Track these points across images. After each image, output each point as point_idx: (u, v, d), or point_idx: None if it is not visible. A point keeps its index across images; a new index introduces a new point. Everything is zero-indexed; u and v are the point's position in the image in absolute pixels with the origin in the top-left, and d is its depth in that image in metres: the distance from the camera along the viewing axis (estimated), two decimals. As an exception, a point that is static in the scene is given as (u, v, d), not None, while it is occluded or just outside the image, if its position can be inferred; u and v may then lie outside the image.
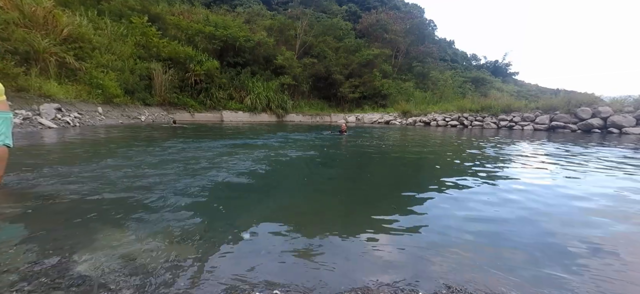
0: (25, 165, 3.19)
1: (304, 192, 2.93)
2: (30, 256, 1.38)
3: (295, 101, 22.18)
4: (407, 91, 24.86)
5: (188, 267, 1.35)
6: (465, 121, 15.86)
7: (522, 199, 2.63)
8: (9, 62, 8.40)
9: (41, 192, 2.31)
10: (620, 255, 1.63)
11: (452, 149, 6.55)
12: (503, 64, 44.65)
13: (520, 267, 1.47)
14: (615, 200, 2.66)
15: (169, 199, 2.26)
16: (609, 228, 2.01)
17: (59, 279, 1.20)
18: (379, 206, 2.44)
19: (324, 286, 1.25)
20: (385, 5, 38.28)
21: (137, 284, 1.20)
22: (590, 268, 1.47)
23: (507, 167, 4.41)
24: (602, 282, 1.34)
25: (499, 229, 1.95)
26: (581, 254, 1.62)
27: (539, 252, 1.63)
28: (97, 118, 10.38)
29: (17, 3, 9.85)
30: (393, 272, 1.37)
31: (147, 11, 17.46)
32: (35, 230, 1.66)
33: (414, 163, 4.88)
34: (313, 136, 9.05)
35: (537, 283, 1.32)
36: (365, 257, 1.52)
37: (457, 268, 1.44)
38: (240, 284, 1.24)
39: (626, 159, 5.00)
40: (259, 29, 23.23)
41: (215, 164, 3.72)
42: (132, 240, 1.57)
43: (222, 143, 6.13)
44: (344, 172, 3.98)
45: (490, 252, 1.63)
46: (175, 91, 16.76)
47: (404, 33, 28.75)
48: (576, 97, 13.09)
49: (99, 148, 4.95)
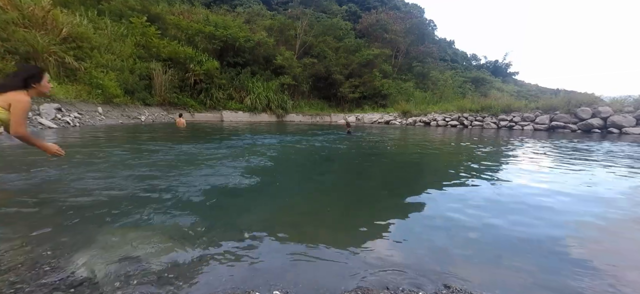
0: (25, 165, 3.19)
1: (304, 192, 2.93)
2: (30, 256, 1.38)
3: (295, 101, 22.17)
4: (407, 91, 24.85)
5: (188, 267, 1.35)
6: (465, 121, 15.85)
7: (523, 199, 2.63)
8: (9, 62, 8.39)
9: (41, 192, 2.31)
10: (622, 256, 1.63)
11: (452, 149, 6.55)
12: (503, 64, 44.66)
13: (521, 267, 1.47)
14: (621, 201, 2.66)
15: (169, 199, 2.26)
16: (612, 229, 2.01)
17: (58, 280, 1.20)
18: (379, 206, 2.44)
19: (324, 286, 1.25)
20: (385, 5, 38.27)
21: (137, 284, 1.20)
22: (591, 268, 1.47)
23: (508, 168, 4.41)
24: (602, 282, 1.34)
25: (500, 229, 1.95)
26: (582, 255, 1.62)
27: (539, 252, 1.63)
28: (97, 118, 10.38)
29: (15, 3, 9.84)
30: (393, 272, 1.37)
31: (147, 11, 17.45)
32: (35, 230, 1.65)
33: (414, 163, 4.88)
34: (317, 137, 9.04)
35: (537, 283, 1.32)
36: (365, 257, 1.52)
37: (458, 268, 1.44)
38: (240, 284, 1.24)
39: (629, 159, 5.00)
40: (259, 29, 23.22)
41: (215, 164, 3.72)
42: (132, 240, 1.57)
43: (221, 143, 6.13)
44: (344, 172, 3.98)
45: (491, 252, 1.63)
46: (175, 91, 16.76)
47: (404, 33, 28.74)
48: (576, 97, 13.09)
49: (99, 148, 4.94)
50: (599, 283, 1.34)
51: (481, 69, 42.36)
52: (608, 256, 1.61)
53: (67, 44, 11.11)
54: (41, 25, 10.33)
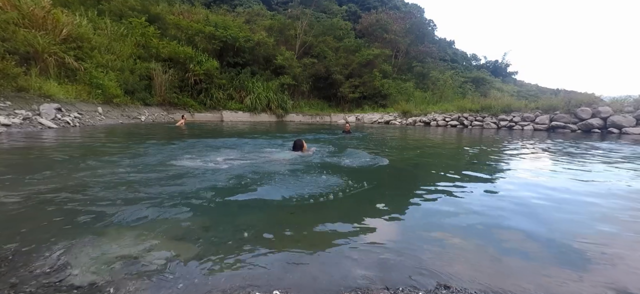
0: (25, 165, 3.19)
1: (304, 192, 2.93)
2: (30, 256, 1.38)
3: (295, 101, 22.15)
4: (407, 91, 24.82)
5: (188, 267, 1.35)
6: (465, 121, 15.85)
7: (523, 199, 2.63)
8: (9, 62, 8.39)
9: (41, 193, 2.31)
10: (624, 258, 1.63)
11: (452, 149, 6.54)
12: (503, 64, 44.66)
13: (521, 267, 1.47)
14: (620, 199, 2.66)
15: (169, 200, 2.26)
16: (613, 229, 2.01)
17: (58, 280, 1.20)
18: (379, 206, 2.44)
19: (323, 286, 1.25)
20: (385, 5, 38.23)
21: (137, 284, 1.20)
22: (592, 268, 1.47)
23: (507, 168, 4.41)
24: (603, 282, 1.35)
25: (500, 229, 1.95)
26: (582, 255, 1.62)
27: (540, 252, 1.64)
28: (97, 118, 10.38)
29: (15, 3, 9.83)
30: (393, 272, 1.37)
31: (147, 11, 17.43)
32: (35, 230, 1.66)
33: (413, 163, 4.88)
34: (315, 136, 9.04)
35: (537, 283, 1.32)
36: (365, 257, 1.52)
37: (457, 268, 1.44)
38: (240, 284, 1.24)
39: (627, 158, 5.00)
40: (258, 29, 23.19)
41: (215, 165, 3.72)
42: (132, 240, 1.57)
43: (221, 144, 6.13)
44: (344, 173, 3.97)
45: (491, 252, 1.63)
46: (175, 91, 16.75)
47: (404, 33, 28.71)
48: (576, 97, 13.08)
49: (99, 148, 4.94)
50: (601, 283, 1.34)
51: (481, 69, 42.31)
52: (612, 259, 1.61)
53: (67, 44, 11.10)
54: (41, 25, 10.32)
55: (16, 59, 8.88)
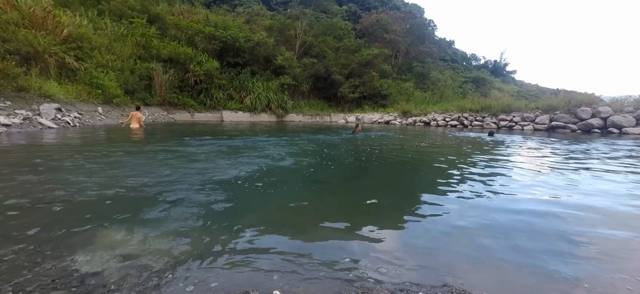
0: (25, 165, 3.19)
1: (304, 192, 2.93)
2: (30, 256, 1.38)
3: (295, 101, 22.15)
4: (407, 91, 24.83)
5: (188, 267, 1.35)
6: (465, 121, 15.85)
7: (523, 199, 2.63)
8: (9, 62, 8.39)
9: (41, 193, 2.31)
10: (623, 258, 1.63)
11: (452, 149, 6.55)
12: (501, 63, 44.78)
13: (521, 268, 1.47)
14: (614, 201, 2.66)
15: (169, 200, 2.26)
16: (612, 230, 2.01)
17: (59, 280, 1.20)
18: (379, 206, 2.44)
19: (324, 286, 1.25)
20: (385, 5, 38.24)
21: (137, 284, 1.20)
22: (592, 269, 1.47)
23: (507, 169, 4.41)
24: (603, 283, 1.35)
25: (500, 230, 1.95)
26: (583, 255, 1.62)
27: (540, 252, 1.63)
28: (97, 118, 10.38)
29: (15, 3, 9.83)
30: (393, 272, 1.37)
31: (147, 11, 17.43)
32: (35, 230, 1.66)
33: (413, 164, 4.88)
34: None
35: (538, 284, 1.32)
36: (365, 257, 1.52)
37: (458, 268, 1.44)
38: (240, 284, 1.24)
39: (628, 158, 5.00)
40: (258, 29, 23.19)
41: (215, 165, 3.72)
42: (132, 240, 1.57)
43: (221, 143, 6.13)
44: (344, 173, 3.98)
45: (491, 253, 1.63)
46: (175, 91, 16.75)
47: (404, 33, 28.72)
48: (576, 97, 13.09)
49: (98, 148, 4.94)
50: (601, 284, 1.34)
51: (481, 69, 42.37)
52: (614, 262, 1.61)
53: (67, 44, 11.10)
54: (41, 25, 10.32)
55: (16, 59, 8.88)
